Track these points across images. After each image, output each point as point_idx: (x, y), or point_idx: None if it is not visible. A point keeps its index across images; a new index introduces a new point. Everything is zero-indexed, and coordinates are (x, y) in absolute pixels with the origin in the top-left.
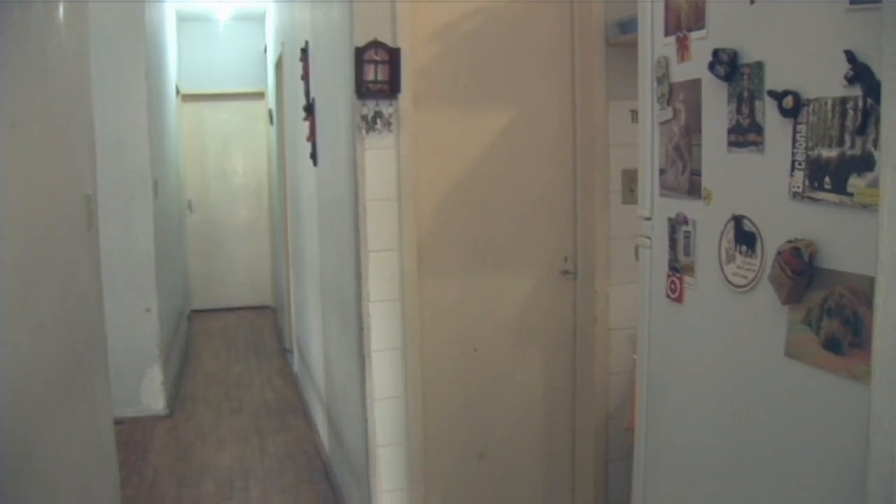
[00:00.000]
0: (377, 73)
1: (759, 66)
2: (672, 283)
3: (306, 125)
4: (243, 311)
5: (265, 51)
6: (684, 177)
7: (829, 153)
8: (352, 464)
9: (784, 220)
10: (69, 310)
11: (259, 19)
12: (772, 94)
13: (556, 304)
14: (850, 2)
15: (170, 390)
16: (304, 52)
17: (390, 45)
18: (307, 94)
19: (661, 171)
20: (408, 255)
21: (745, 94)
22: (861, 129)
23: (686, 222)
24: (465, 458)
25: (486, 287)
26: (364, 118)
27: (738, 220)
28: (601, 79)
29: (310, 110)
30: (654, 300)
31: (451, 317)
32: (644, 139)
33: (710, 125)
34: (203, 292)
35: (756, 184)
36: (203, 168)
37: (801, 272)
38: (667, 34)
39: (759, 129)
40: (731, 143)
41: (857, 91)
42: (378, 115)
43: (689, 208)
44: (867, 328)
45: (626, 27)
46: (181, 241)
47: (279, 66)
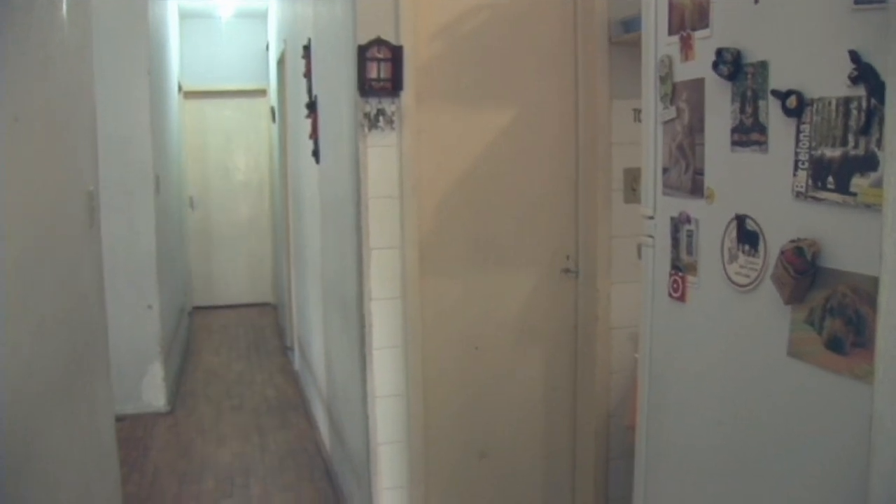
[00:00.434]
0: (380, 71)
1: (762, 66)
2: (674, 282)
3: (308, 122)
4: (244, 308)
5: (267, 48)
6: (687, 176)
7: (833, 153)
8: (352, 462)
9: (787, 219)
10: (70, 308)
11: (261, 16)
12: (775, 93)
13: (557, 303)
14: (855, 2)
15: (171, 387)
16: (307, 49)
17: (393, 42)
18: (309, 91)
19: (664, 170)
20: (409, 253)
21: (749, 94)
22: (865, 129)
23: (689, 221)
24: (465, 456)
25: (487, 285)
26: (366, 116)
27: (740, 220)
28: (604, 77)
29: (312, 108)
30: (657, 299)
31: (453, 315)
32: (647, 138)
33: (714, 124)
34: (204, 289)
35: (759, 183)
36: (205, 165)
37: (803, 272)
38: (670, 33)
39: (762, 129)
40: (734, 143)
41: (860, 91)
42: (380, 112)
43: (692, 207)
44: (870, 328)
45: (630, 26)
46: (183, 238)
47: (281, 63)
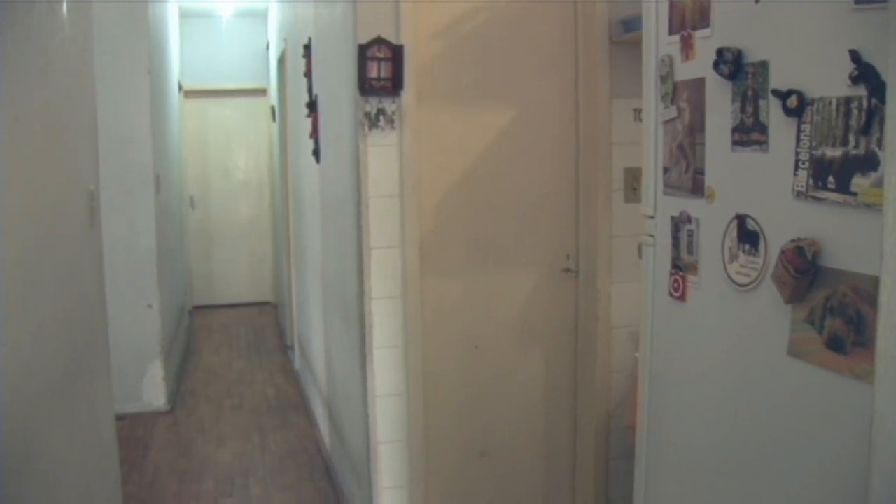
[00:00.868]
0: (380, 70)
1: (763, 66)
2: (675, 281)
3: (309, 122)
4: (245, 307)
5: (268, 47)
6: (688, 175)
7: (833, 153)
8: (353, 461)
9: (787, 219)
10: (70, 308)
11: (262, 16)
12: (776, 93)
13: (557, 303)
14: (855, 1)
15: (171, 386)
16: (307, 48)
17: (393, 42)
18: (310, 90)
19: (665, 170)
20: (410, 252)
21: (750, 93)
22: (865, 129)
23: (689, 221)
24: (465, 455)
25: (487, 285)
26: (367, 115)
27: (741, 219)
28: (604, 77)
29: (312, 107)
30: (657, 298)
31: (453, 314)
32: (648, 138)
33: (714, 124)
34: (204, 289)
35: (760, 183)
36: (205, 164)
37: (804, 271)
38: (671, 33)
39: (763, 129)
40: (734, 142)
41: (861, 91)
42: (381, 112)
43: (693, 207)
44: (870, 327)
45: (630, 25)
46: (183, 237)
47: (282, 62)
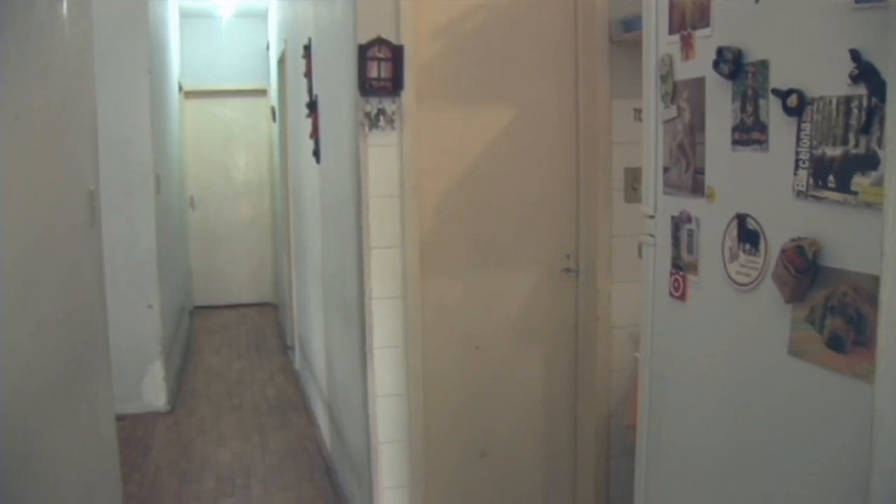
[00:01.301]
0: (380, 71)
1: (763, 65)
2: (675, 281)
3: (309, 122)
4: (245, 307)
5: (268, 48)
6: (688, 175)
7: (834, 152)
8: (353, 461)
9: (788, 218)
10: (70, 308)
11: (262, 16)
12: (776, 92)
13: (557, 302)
14: (855, 0)
15: (171, 387)
16: (307, 49)
17: (393, 42)
18: (310, 91)
19: (665, 170)
20: (410, 252)
21: (750, 93)
22: (865, 128)
23: (689, 220)
24: (466, 455)
25: (488, 285)
26: (367, 115)
27: (741, 219)
28: (604, 77)
29: (313, 107)
30: (657, 298)
31: (453, 314)
32: (648, 137)
33: (714, 123)
34: (205, 289)
35: (760, 182)
36: (205, 165)
37: (804, 270)
38: (671, 32)
39: (763, 128)
40: (734, 142)
41: (861, 90)
42: (381, 112)
43: (693, 206)
44: (871, 326)
45: (630, 25)
46: (183, 237)
47: (282, 62)
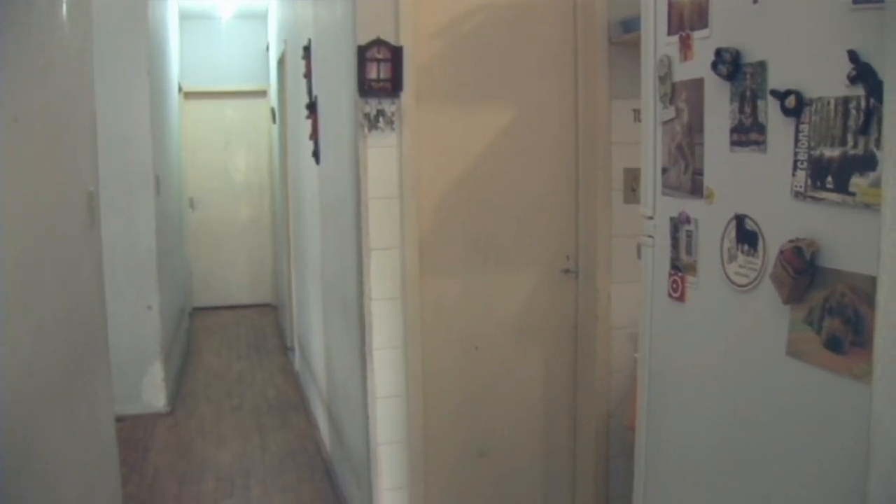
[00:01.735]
0: (380, 72)
1: (761, 66)
2: (674, 282)
3: (309, 123)
4: (245, 308)
5: (267, 49)
6: (686, 176)
7: (832, 153)
8: (353, 461)
9: (786, 219)
10: (70, 308)
11: (261, 17)
12: (774, 93)
13: (557, 303)
14: (853, 1)
15: (171, 388)
16: (307, 49)
17: (393, 43)
18: (309, 92)
19: (664, 170)
20: (409, 253)
21: (748, 94)
22: (863, 129)
23: (688, 221)
24: (465, 455)
25: (487, 285)
26: (366, 116)
27: (740, 220)
28: (603, 78)
29: (312, 108)
30: (656, 299)
31: (453, 315)
32: (646, 138)
33: (713, 124)
34: (204, 290)
35: (758, 183)
36: (205, 166)
37: (802, 271)
38: (670, 33)
39: (761, 129)
40: (733, 143)
41: (859, 91)
42: (380, 113)
43: (692, 207)
44: (868, 327)
45: (629, 26)
46: (183, 238)
47: (282, 63)
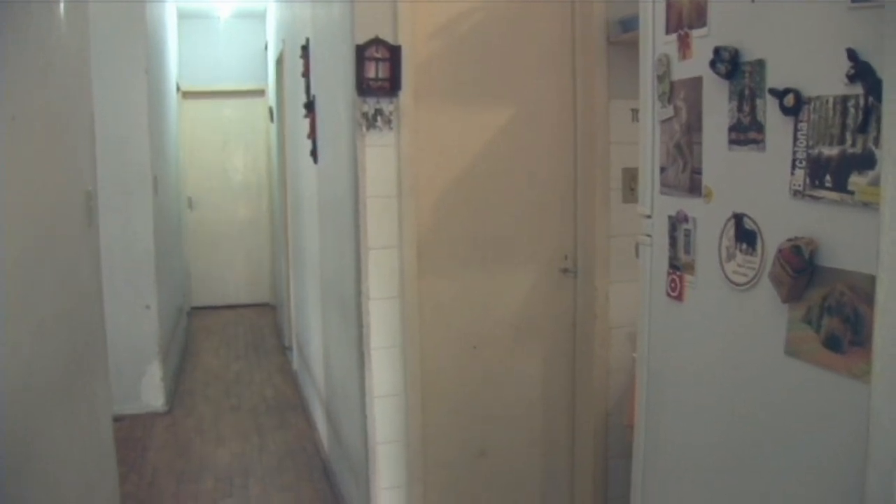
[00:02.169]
0: (378, 71)
1: (760, 64)
2: (672, 281)
3: (307, 122)
4: (243, 308)
5: (266, 48)
6: (685, 175)
7: (830, 151)
8: (351, 461)
9: (784, 218)
10: (69, 308)
11: (260, 16)
12: (773, 92)
13: (555, 302)
14: (852, 0)
15: (169, 387)
16: (305, 49)
17: (391, 42)
18: (308, 91)
19: (662, 169)
20: (408, 252)
21: (747, 92)
22: (862, 128)
23: (686, 220)
24: (464, 454)
25: (485, 284)
26: (364, 115)
27: (738, 218)
28: (602, 77)
29: (310, 108)
30: (655, 298)
31: (451, 314)
32: (645, 137)
33: (711, 123)
34: (203, 289)
35: (757, 182)
36: (203, 165)
37: (801, 270)
38: (668, 32)
39: (759, 127)
40: (731, 141)
41: (858, 89)
42: (378, 112)
43: (690, 206)
44: (867, 326)
45: (628, 25)
46: (181, 238)
47: (280, 63)
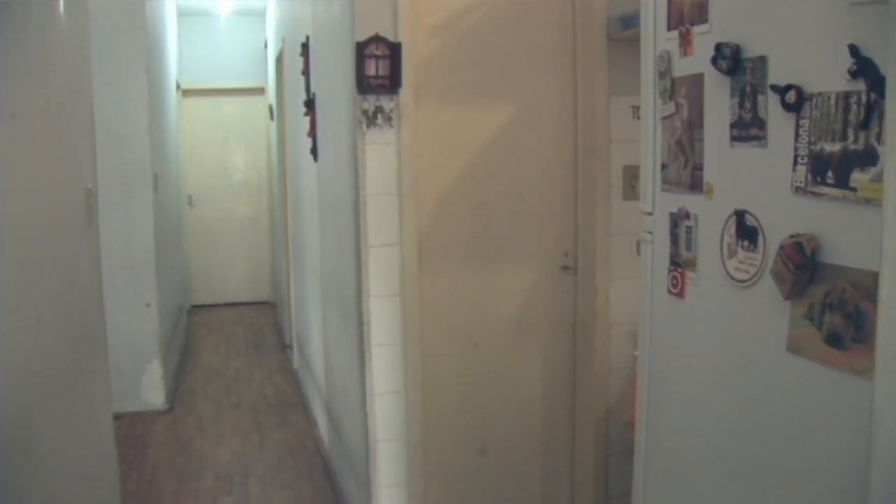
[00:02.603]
0: (378, 68)
1: (761, 61)
2: (673, 278)
3: (307, 120)
4: (243, 306)
5: (266, 46)
6: (686, 171)
7: (832, 148)
8: (351, 459)
9: (786, 214)
10: (69, 305)
11: (260, 14)
12: (774, 88)
13: (556, 300)
14: None
15: (169, 385)
16: (305, 47)
17: (391, 39)
18: (308, 89)
19: (663, 166)
20: (408, 250)
21: (748, 89)
22: (864, 124)
23: (688, 217)
24: (464, 452)
25: (486, 282)
26: (365, 113)
27: (740, 215)
28: (603, 74)
29: (310, 105)
30: (656, 295)
31: (452, 312)
32: (646, 134)
33: (713, 120)
34: (203, 287)
35: (758, 178)
36: (203, 163)
37: (803, 267)
38: (669, 28)
39: (761, 124)
40: (733, 138)
41: (860, 85)
42: (379, 110)
43: (691, 203)
44: (869, 323)
45: (628, 22)
46: (181, 236)
47: (280, 61)
